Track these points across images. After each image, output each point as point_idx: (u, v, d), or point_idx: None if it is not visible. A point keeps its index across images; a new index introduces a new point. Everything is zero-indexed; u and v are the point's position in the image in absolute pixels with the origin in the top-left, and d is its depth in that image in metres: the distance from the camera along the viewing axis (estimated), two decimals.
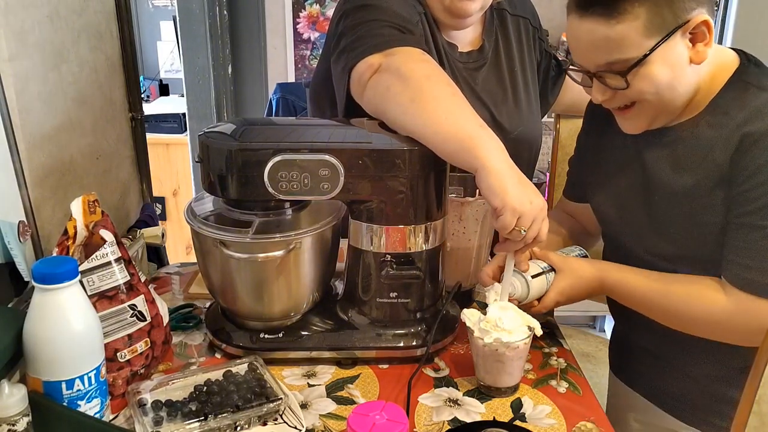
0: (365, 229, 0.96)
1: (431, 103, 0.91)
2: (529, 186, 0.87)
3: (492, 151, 0.86)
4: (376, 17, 1.06)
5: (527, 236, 0.87)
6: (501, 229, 0.87)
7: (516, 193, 0.84)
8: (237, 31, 2.84)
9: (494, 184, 0.84)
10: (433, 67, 0.97)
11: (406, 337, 0.99)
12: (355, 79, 1.03)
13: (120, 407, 0.88)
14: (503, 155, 0.87)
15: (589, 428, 0.86)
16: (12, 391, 0.72)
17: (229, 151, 0.90)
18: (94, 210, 0.91)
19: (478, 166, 0.85)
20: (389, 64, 0.97)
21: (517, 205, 0.84)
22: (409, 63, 0.97)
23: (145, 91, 3.62)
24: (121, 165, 1.33)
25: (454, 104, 0.91)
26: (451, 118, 0.89)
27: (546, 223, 0.89)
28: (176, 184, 3.23)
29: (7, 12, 0.93)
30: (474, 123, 0.89)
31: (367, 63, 1.00)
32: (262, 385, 0.88)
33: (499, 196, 0.84)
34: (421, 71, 0.95)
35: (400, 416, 0.78)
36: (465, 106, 0.92)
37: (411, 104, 0.91)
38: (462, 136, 0.87)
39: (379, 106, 0.97)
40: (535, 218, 0.86)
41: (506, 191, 0.84)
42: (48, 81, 1.04)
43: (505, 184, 0.84)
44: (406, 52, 0.99)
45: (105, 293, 0.88)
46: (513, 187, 0.84)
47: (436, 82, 0.94)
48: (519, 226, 0.86)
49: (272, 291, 0.97)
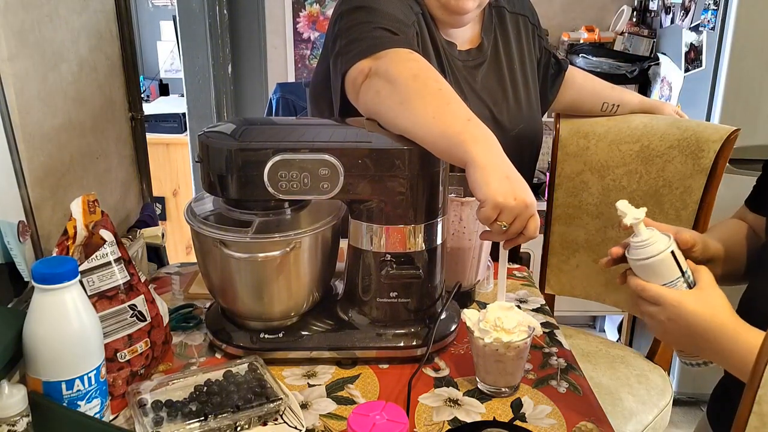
0: (365, 228, 0.96)
1: (419, 103, 0.90)
2: (517, 182, 0.85)
3: (480, 146, 0.85)
4: (368, 20, 1.06)
5: (509, 231, 0.86)
6: (482, 221, 0.86)
7: (499, 187, 0.83)
8: (237, 31, 2.83)
9: (478, 178, 0.84)
10: (420, 65, 0.97)
11: (406, 337, 0.99)
12: (349, 84, 1.04)
13: (120, 407, 0.88)
14: (492, 148, 0.86)
15: (590, 428, 0.86)
16: (12, 391, 0.72)
17: (228, 151, 0.90)
18: (94, 210, 0.91)
19: (467, 161, 0.85)
20: (378, 68, 0.98)
21: (499, 199, 0.83)
22: (397, 65, 0.97)
23: (145, 91, 3.61)
24: (121, 165, 1.33)
25: (441, 101, 0.91)
26: (438, 116, 0.89)
27: (535, 221, 0.87)
28: (176, 184, 3.23)
29: (6, 12, 0.93)
30: (461, 118, 0.89)
31: (358, 68, 1.01)
32: (263, 385, 0.88)
33: (482, 189, 0.83)
34: (408, 71, 0.95)
35: (400, 416, 0.78)
36: (452, 101, 0.91)
37: (401, 107, 0.92)
38: (450, 132, 0.87)
39: (373, 111, 0.98)
40: (518, 215, 0.85)
41: (489, 184, 0.83)
42: (47, 80, 1.04)
43: (489, 177, 0.83)
44: (393, 54, 1.00)
45: (105, 293, 0.88)
46: (497, 181, 0.83)
47: (423, 80, 0.94)
48: (500, 220, 0.85)
49: (272, 291, 0.97)
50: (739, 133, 1.36)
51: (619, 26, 2.76)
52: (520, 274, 1.32)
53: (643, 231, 0.83)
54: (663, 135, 1.46)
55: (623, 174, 1.51)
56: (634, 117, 1.52)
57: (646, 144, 1.48)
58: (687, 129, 1.43)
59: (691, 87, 2.24)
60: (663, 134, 1.46)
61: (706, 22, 2.11)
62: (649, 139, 1.48)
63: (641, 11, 2.73)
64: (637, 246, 0.83)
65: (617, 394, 1.40)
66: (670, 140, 1.44)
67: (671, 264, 0.82)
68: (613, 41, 2.71)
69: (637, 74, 2.55)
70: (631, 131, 1.50)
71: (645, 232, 0.83)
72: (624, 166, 1.51)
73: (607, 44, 2.71)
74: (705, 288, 0.81)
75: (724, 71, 2.04)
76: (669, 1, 2.45)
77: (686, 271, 0.83)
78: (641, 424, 1.36)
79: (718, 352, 0.80)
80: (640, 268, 0.84)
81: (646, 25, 2.68)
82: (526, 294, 1.24)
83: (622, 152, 1.51)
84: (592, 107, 1.53)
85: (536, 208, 0.87)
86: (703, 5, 2.12)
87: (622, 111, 1.53)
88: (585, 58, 2.60)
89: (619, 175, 1.52)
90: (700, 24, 2.16)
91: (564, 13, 2.85)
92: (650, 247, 0.82)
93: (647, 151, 1.48)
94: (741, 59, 2.02)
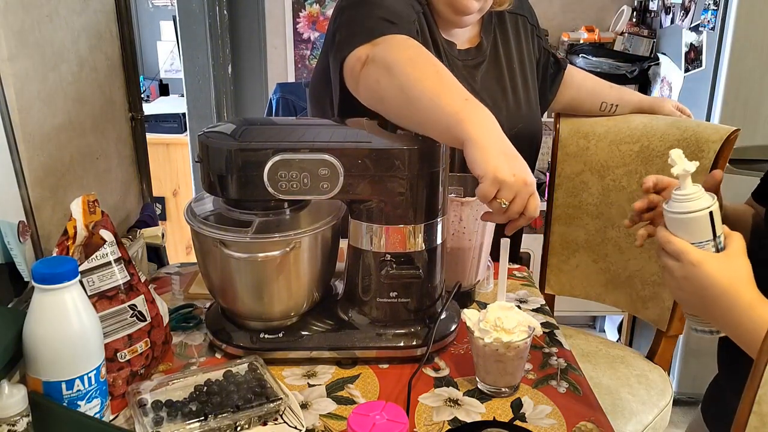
0: (365, 228, 0.96)
1: (417, 89, 0.90)
2: (516, 159, 0.84)
3: (478, 124, 0.85)
4: (368, 12, 1.07)
5: (510, 210, 0.84)
6: (481, 198, 0.84)
7: (498, 162, 0.82)
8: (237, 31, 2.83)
9: (477, 155, 0.83)
10: (416, 50, 0.97)
11: (406, 336, 0.99)
12: (347, 73, 1.04)
13: (120, 407, 0.88)
14: (490, 127, 0.86)
15: (590, 428, 0.86)
16: (12, 391, 0.72)
17: (228, 151, 0.90)
18: (94, 210, 0.91)
19: (465, 139, 0.84)
20: (375, 55, 0.98)
21: (498, 175, 0.82)
22: (394, 51, 0.97)
23: (145, 91, 3.61)
24: (121, 165, 1.33)
25: (438, 84, 0.90)
26: (436, 99, 0.88)
27: (536, 199, 0.85)
28: (176, 184, 3.23)
29: (6, 12, 0.93)
30: (459, 97, 0.88)
31: (356, 56, 1.01)
32: (262, 385, 0.88)
33: (481, 165, 0.82)
34: (405, 57, 0.95)
35: (400, 416, 0.78)
36: (449, 83, 0.91)
37: (401, 94, 0.91)
38: (449, 112, 0.86)
39: (373, 100, 0.98)
40: (518, 192, 0.83)
41: (487, 161, 0.82)
42: (48, 80, 1.04)
43: (488, 154, 0.83)
44: (391, 40, 1.00)
45: (105, 293, 0.88)
46: (495, 158, 0.83)
47: (421, 65, 0.93)
48: (500, 197, 0.83)
49: (272, 291, 0.97)
50: (739, 133, 1.36)
51: (619, 26, 2.76)
52: (520, 274, 1.32)
53: (689, 185, 0.80)
54: (663, 135, 1.46)
55: (623, 174, 1.51)
56: (634, 117, 1.52)
57: (646, 144, 1.48)
58: (687, 129, 1.43)
59: (691, 87, 2.24)
60: (663, 134, 1.46)
61: (706, 22, 2.11)
62: (649, 139, 1.48)
63: (641, 11, 2.73)
64: (678, 198, 0.81)
65: (617, 394, 1.40)
66: (670, 140, 1.44)
67: (706, 224, 0.79)
68: (613, 41, 2.71)
69: (637, 74, 2.55)
70: (631, 131, 1.50)
71: (691, 186, 0.80)
72: (624, 167, 1.51)
73: (607, 44, 2.71)
74: (731, 255, 0.78)
75: (724, 71, 2.04)
76: (669, 1, 2.45)
77: (719, 236, 0.80)
78: (641, 424, 1.36)
79: (728, 322, 0.77)
80: (674, 221, 0.81)
81: (646, 25, 2.68)
82: (526, 294, 1.24)
83: (622, 152, 1.51)
84: (591, 107, 1.53)
85: (535, 186, 0.85)
86: (703, 5, 2.12)
87: (621, 110, 1.53)
88: (585, 58, 2.60)
89: (619, 175, 1.52)
90: (700, 24, 2.16)
91: (564, 13, 2.85)
92: (692, 203, 0.79)
93: (647, 151, 1.48)
94: (741, 59, 2.02)
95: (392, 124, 1.00)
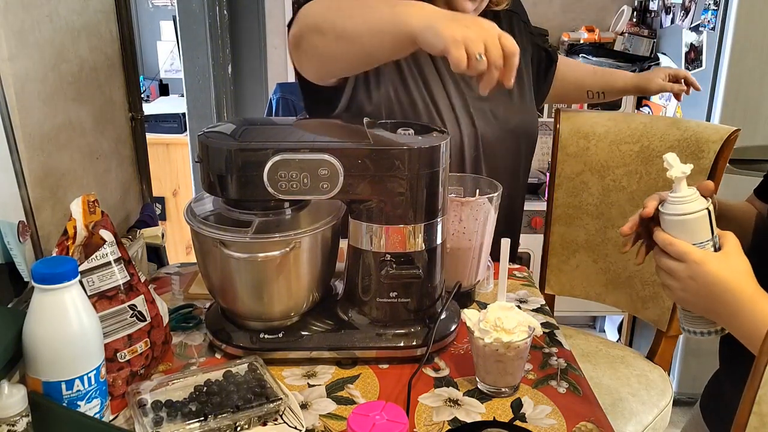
0: (365, 228, 0.96)
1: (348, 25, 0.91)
2: (463, 17, 0.83)
3: (414, 14, 0.85)
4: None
5: (490, 58, 0.81)
6: (457, 67, 0.81)
7: (447, 28, 0.81)
8: (237, 31, 2.83)
9: (428, 36, 0.82)
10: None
11: (406, 337, 0.99)
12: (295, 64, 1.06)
13: (120, 407, 0.88)
14: (426, 9, 0.85)
15: (590, 428, 0.86)
16: (12, 391, 0.72)
17: (228, 151, 0.90)
18: (93, 210, 0.91)
19: (411, 33, 0.84)
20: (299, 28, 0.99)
21: (455, 35, 0.80)
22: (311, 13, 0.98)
23: (145, 91, 3.62)
24: (120, 165, 1.33)
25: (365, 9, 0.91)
26: (369, 22, 0.88)
27: (506, 37, 0.82)
28: (176, 184, 3.23)
29: (6, 11, 0.93)
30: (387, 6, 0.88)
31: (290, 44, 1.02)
32: (262, 385, 0.88)
33: (436, 41, 0.81)
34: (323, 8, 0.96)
35: (400, 416, 0.78)
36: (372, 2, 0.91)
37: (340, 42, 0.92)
38: (384, 24, 0.87)
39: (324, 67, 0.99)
40: (484, 38, 0.81)
41: (438, 33, 0.81)
42: (47, 81, 1.04)
43: (436, 28, 0.82)
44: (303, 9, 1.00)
45: (105, 293, 0.88)
46: (444, 26, 0.81)
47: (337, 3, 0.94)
48: (471, 54, 0.81)
49: (272, 291, 0.97)
50: (739, 134, 1.36)
51: (619, 26, 2.76)
52: (520, 274, 1.32)
53: (685, 187, 0.82)
54: (663, 135, 1.46)
55: (623, 174, 1.51)
56: (634, 117, 1.53)
57: (646, 144, 1.48)
58: (687, 129, 1.43)
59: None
60: (663, 134, 1.46)
61: (706, 23, 2.11)
62: (649, 140, 1.48)
63: (641, 11, 2.73)
64: (676, 201, 0.83)
65: (617, 394, 1.40)
66: (670, 140, 1.44)
67: (705, 224, 0.81)
68: (613, 41, 2.71)
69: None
70: (631, 131, 1.50)
71: (686, 188, 0.83)
72: (624, 167, 1.51)
73: (607, 44, 2.71)
74: (730, 253, 0.80)
75: (724, 71, 2.05)
76: (669, 1, 2.45)
77: (715, 236, 0.83)
78: (641, 425, 1.36)
79: (732, 317, 0.79)
80: (672, 223, 0.83)
81: (646, 25, 2.69)
82: (526, 294, 1.24)
83: (622, 152, 1.51)
84: (577, 97, 1.57)
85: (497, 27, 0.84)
86: (703, 5, 2.12)
87: (610, 96, 1.54)
88: (585, 58, 2.60)
89: (619, 175, 1.52)
90: (700, 24, 2.16)
91: (564, 14, 2.85)
92: (689, 204, 0.82)
93: (647, 152, 1.48)
94: (741, 59, 2.02)
95: (392, 124, 1.00)
